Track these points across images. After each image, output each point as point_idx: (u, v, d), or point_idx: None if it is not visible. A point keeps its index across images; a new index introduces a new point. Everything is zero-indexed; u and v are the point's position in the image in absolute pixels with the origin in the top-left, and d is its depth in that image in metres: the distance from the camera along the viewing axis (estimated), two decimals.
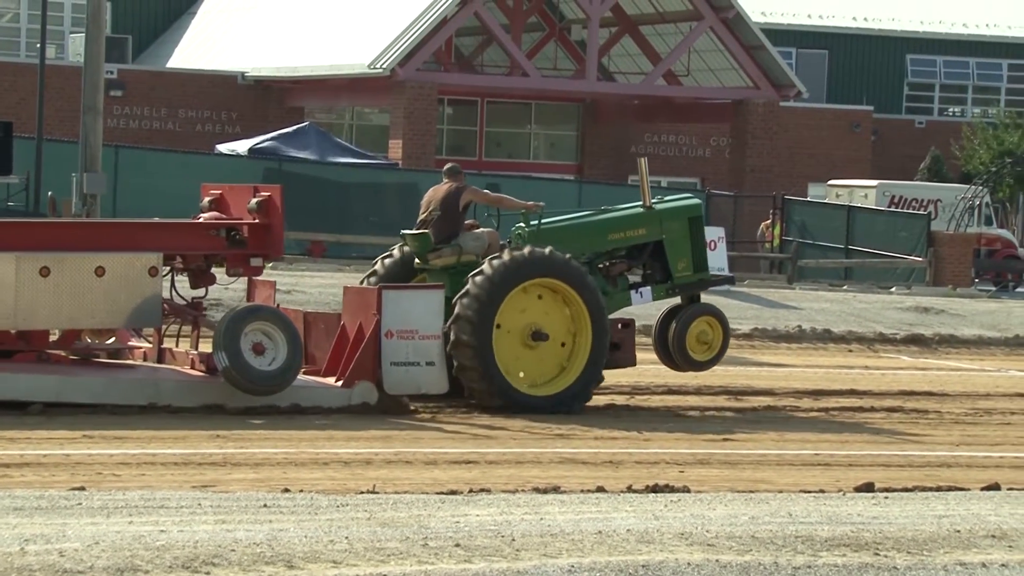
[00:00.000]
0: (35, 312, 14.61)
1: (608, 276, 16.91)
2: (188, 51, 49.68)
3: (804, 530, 9.64)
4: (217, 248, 15.49)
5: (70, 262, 14.70)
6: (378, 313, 15.26)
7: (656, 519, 9.87)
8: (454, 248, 16.22)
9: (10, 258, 14.54)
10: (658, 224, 17.09)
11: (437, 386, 15.55)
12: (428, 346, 15.41)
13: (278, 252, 15.73)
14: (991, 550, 9.41)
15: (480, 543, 8.89)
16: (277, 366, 14.73)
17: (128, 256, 14.89)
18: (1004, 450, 14.83)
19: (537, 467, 12.75)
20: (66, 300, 14.65)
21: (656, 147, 49.64)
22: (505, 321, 15.74)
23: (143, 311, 14.95)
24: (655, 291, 17.11)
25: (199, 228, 15.54)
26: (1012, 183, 46.59)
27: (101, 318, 14.91)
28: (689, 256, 17.09)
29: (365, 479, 11.70)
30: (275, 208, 15.42)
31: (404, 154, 41.64)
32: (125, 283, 14.81)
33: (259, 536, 8.78)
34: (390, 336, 15.29)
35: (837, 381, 19.27)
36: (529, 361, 15.87)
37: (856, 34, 55.97)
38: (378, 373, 15.24)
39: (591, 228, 17.10)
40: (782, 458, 13.83)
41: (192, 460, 12.39)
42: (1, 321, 14.58)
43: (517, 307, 15.81)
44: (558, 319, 15.95)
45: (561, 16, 47.63)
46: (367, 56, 42.11)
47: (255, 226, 15.43)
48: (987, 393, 19.48)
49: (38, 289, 14.56)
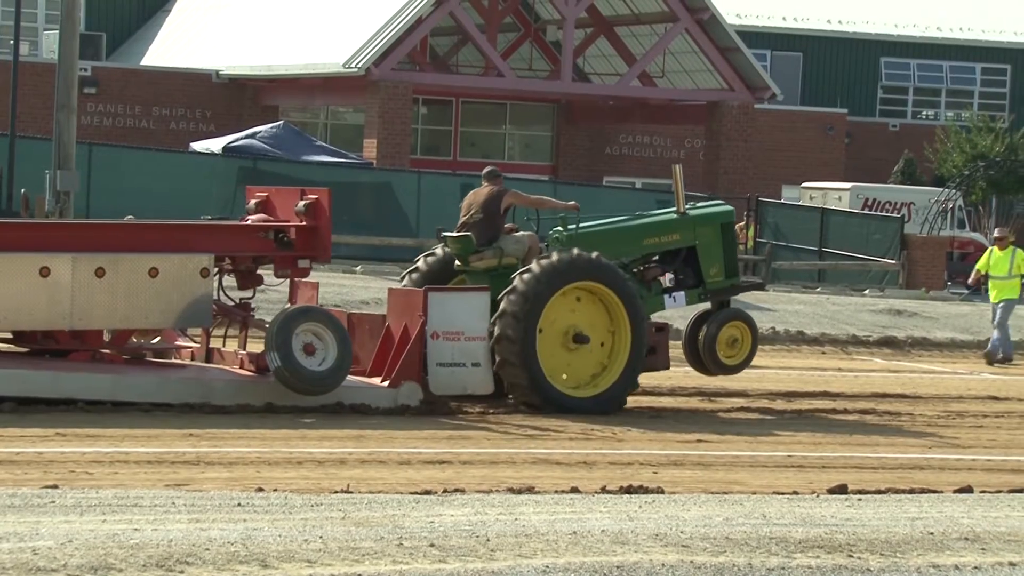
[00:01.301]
0: (90, 312, 14.82)
1: (643, 280, 17.19)
2: (162, 49, 49.56)
3: (778, 531, 9.66)
4: (266, 250, 15.71)
5: (125, 263, 14.93)
6: (424, 315, 15.46)
7: (630, 520, 9.88)
8: (495, 250, 16.46)
9: (67, 259, 14.75)
10: (692, 230, 17.39)
11: (483, 387, 15.80)
12: (474, 347, 15.65)
13: (326, 254, 15.85)
14: (964, 552, 9.44)
15: (455, 543, 8.89)
16: (327, 366, 14.95)
17: (181, 257, 15.13)
18: (976, 452, 14.89)
19: (511, 467, 12.75)
20: (120, 300, 14.88)
21: (631, 148, 49.69)
22: (548, 322, 15.94)
23: (194, 311, 15.18)
24: (688, 296, 17.40)
25: (249, 230, 15.74)
26: (985, 187, 46.74)
27: (154, 318, 15.14)
28: (721, 262, 17.43)
29: (339, 479, 11.68)
30: (323, 211, 15.62)
31: (379, 153, 41.61)
32: (177, 284, 15.05)
33: (233, 535, 8.77)
34: (436, 337, 15.53)
35: (810, 383, 19.32)
36: (569, 362, 16.12)
37: (830, 37, 56.12)
38: (423, 374, 15.42)
39: (627, 232, 17.38)
40: (755, 459, 13.86)
41: (165, 459, 12.36)
42: (57, 321, 14.79)
43: (559, 309, 16.02)
44: (598, 322, 16.18)
45: (536, 17, 47.66)
46: (342, 55, 42.07)
47: (303, 228, 15.62)
48: (959, 396, 19.55)
49: (93, 289, 14.79)
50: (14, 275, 14.55)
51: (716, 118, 45.02)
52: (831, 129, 51.08)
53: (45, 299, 14.65)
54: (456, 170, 43.73)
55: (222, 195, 33.41)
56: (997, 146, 48.86)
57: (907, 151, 51.29)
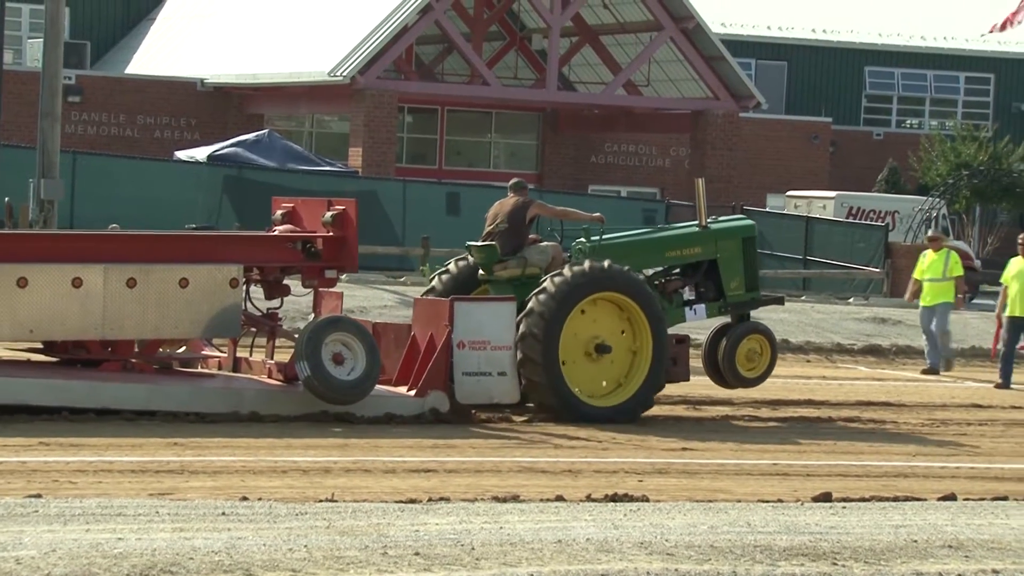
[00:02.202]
0: (122, 322, 14.96)
1: (664, 292, 17.36)
2: (147, 57, 49.51)
3: (763, 539, 9.67)
4: (294, 260, 15.84)
5: (156, 273, 15.06)
6: (450, 324, 15.57)
7: (615, 528, 9.89)
8: (519, 260, 16.59)
9: (98, 269, 14.86)
10: (713, 243, 17.57)
11: (509, 396, 15.92)
12: (500, 356, 15.77)
13: (353, 265, 16.00)
14: (948, 560, 9.46)
15: (440, 552, 8.88)
16: (356, 376, 15.05)
17: (211, 268, 15.26)
18: (960, 460, 14.91)
19: (496, 476, 12.75)
20: (151, 310, 15.01)
21: (616, 157, 49.73)
22: (569, 334, 16.06)
23: (223, 321, 15.31)
24: (708, 309, 17.59)
25: (278, 241, 15.85)
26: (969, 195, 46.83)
27: (184, 328, 15.27)
28: (742, 275, 17.61)
29: (324, 487, 11.67)
30: (350, 221, 15.75)
31: (364, 162, 41.59)
32: (207, 294, 15.18)
33: (217, 544, 8.75)
34: (462, 347, 15.64)
35: (795, 391, 19.34)
36: (592, 373, 16.27)
37: (815, 46, 56.22)
38: (450, 383, 15.54)
39: (649, 245, 17.58)
40: (740, 468, 13.87)
41: (149, 468, 12.34)
42: (89, 331, 14.92)
43: (581, 320, 16.15)
44: (620, 332, 16.32)
45: (522, 25, 47.69)
46: (327, 64, 42.06)
47: (330, 239, 15.75)
48: (943, 404, 19.58)
49: (125, 300, 14.92)
50: (47, 286, 14.72)
51: (701, 127, 45.07)
52: (816, 138, 51.17)
53: (77, 309, 14.80)
54: (441, 179, 43.73)
55: (207, 203, 33.39)
56: (981, 155, 48.97)
57: (891, 160, 51.38)
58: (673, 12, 43.77)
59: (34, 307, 14.64)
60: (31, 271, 14.63)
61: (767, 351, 17.46)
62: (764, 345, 17.46)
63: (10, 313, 14.58)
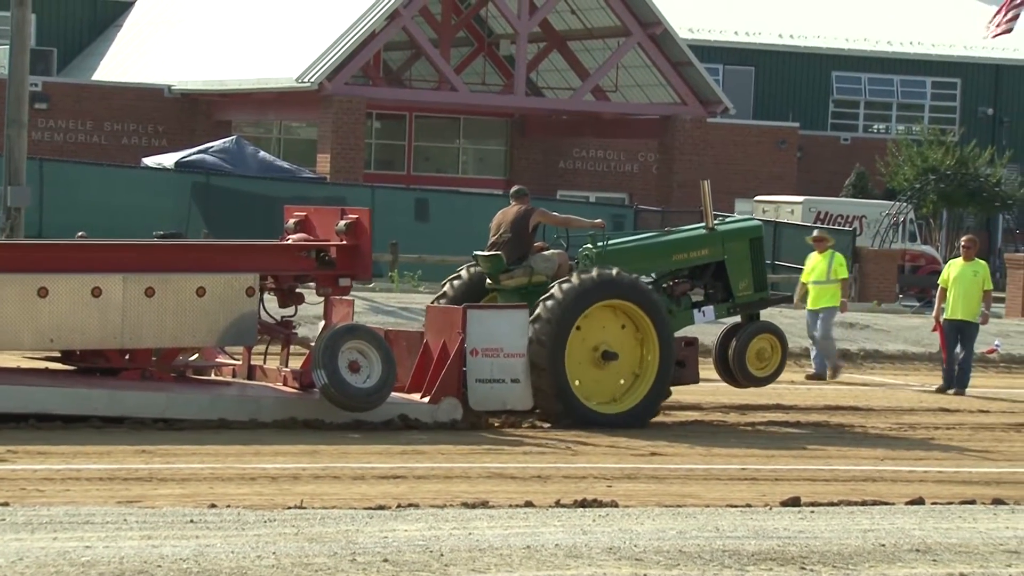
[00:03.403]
0: (140, 331, 15.10)
1: (672, 295, 17.47)
2: (114, 64, 49.37)
3: (731, 544, 9.69)
4: (308, 269, 15.96)
5: (174, 282, 15.19)
6: (463, 332, 15.67)
7: (584, 534, 9.90)
8: (525, 269, 16.68)
9: (118, 279, 14.99)
10: (720, 245, 17.66)
11: (522, 403, 16.02)
12: (513, 364, 15.88)
13: (366, 273, 16.14)
14: (915, 564, 9.49)
15: (408, 558, 8.88)
16: (372, 383, 15.18)
17: (227, 277, 15.40)
18: (928, 464, 14.97)
19: (465, 482, 12.74)
20: (169, 319, 15.14)
21: (584, 162, 49.80)
22: (576, 342, 16.14)
23: (240, 330, 15.44)
24: (717, 310, 17.68)
25: (292, 249, 15.98)
26: (936, 200, 47.04)
27: (201, 337, 15.42)
28: (750, 276, 17.72)
29: (292, 494, 11.65)
30: (363, 230, 15.86)
31: (332, 168, 41.56)
32: (224, 303, 15.32)
33: (185, 552, 8.74)
34: (475, 354, 15.76)
35: (763, 396, 19.37)
36: (599, 379, 16.35)
37: (782, 51, 56.40)
38: (463, 390, 15.67)
39: (656, 249, 17.66)
40: (709, 472, 13.89)
41: (117, 475, 12.29)
42: (109, 340, 15.05)
43: (587, 327, 16.23)
44: (626, 338, 16.41)
45: (489, 31, 47.73)
46: (295, 70, 42.02)
47: (344, 247, 15.86)
48: (911, 408, 19.65)
49: (143, 309, 15.06)
50: (67, 295, 14.84)
51: (669, 132, 45.17)
52: (783, 143, 51.33)
53: (97, 318, 14.93)
54: (410, 184, 43.71)
55: (175, 210, 33.30)
56: (947, 159, 49.19)
57: (858, 164, 51.56)
58: (641, 18, 43.86)
59: (54, 316, 14.80)
60: (51, 281, 14.81)
61: (777, 350, 17.61)
62: (775, 344, 17.61)
63: (31, 322, 14.76)
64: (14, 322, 14.64)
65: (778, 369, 17.73)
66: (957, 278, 21.26)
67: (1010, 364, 26.06)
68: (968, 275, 21.19)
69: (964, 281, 21.17)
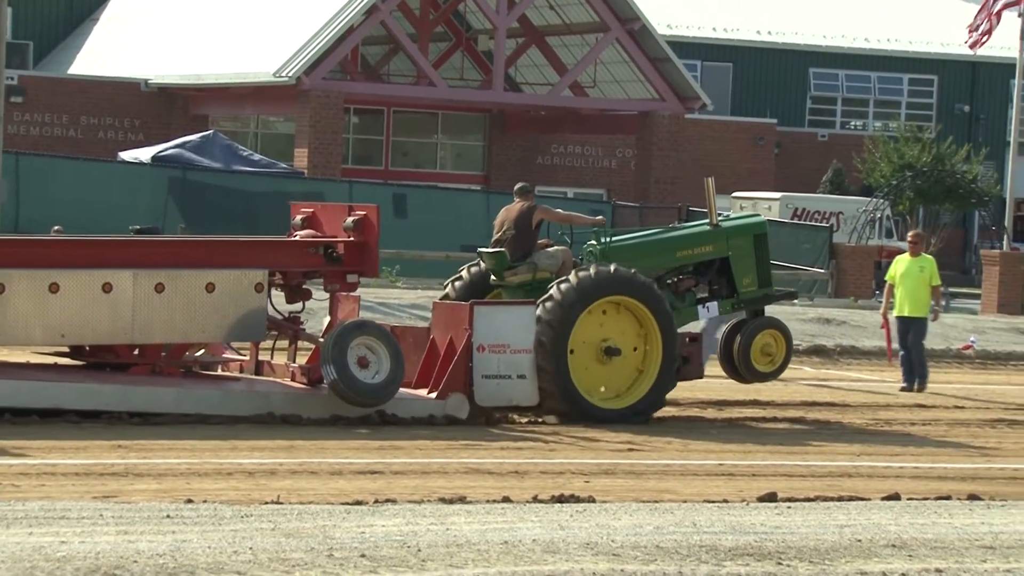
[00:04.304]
0: (151, 326, 15.17)
1: (676, 291, 17.55)
2: (90, 57, 49.21)
3: (708, 540, 9.71)
4: (316, 265, 16.07)
5: (184, 278, 15.27)
6: (470, 328, 15.77)
7: (562, 529, 9.90)
8: (529, 265, 16.78)
9: (128, 274, 15.05)
10: (724, 241, 17.74)
11: (529, 398, 16.13)
12: (519, 360, 15.99)
13: (374, 269, 16.22)
14: (891, 559, 9.52)
15: (386, 553, 8.87)
16: (381, 379, 15.29)
17: (237, 273, 15.49)
18: (904, 460, 15.00)
19: (443, 477, 12.74)
20: (179, 315, 15.22)
21: (562, 158, 49.79)
22: (579, 338, 16.24)
23: (249, 325, 15.53)
24: (721, 306, 17.74)
25: (300, 246, 16.08)
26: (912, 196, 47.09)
27: (211, 332, 15.51)
28: (754, 272, 17.80)
29: (269, 489, 11.63)
30: (371, 226, 15.97)
31: (310, 163, 41.48)
32: (233, 299, 15.41)
33: (162, 547, 8.72)
34: (482, 350, 15.86)
35: (740, 392, 19.40)
36: (602, 375, 16.43)
37: (760, 47, 56.45)
38: (470, 386, 15.78)
39: (661, 245, 17.73)
40: (686, 468, 13.91)
41: (93, 470, 12.26)
42: (119, 335, 15.13)
43: (590, 324, 16.32)
44: (629, 334, 16.49)
45: (468, 26, 47.68)
46: (272, 64, 41.93)
47: (351, 244, 15.96)
48: (887, 404, 19.70)
49: (154, 304, 15.14)
50: (78, 291, 14.90)
51: (647, 128, 45.18)
52: (760, 139, 51.39)
53: (107, 314, 15.00)
54: (388, 180, 43.66)
55: (152, 205, 33.21)
56: (924, 156, 49.28)
57: (836, 161, 51.64)
58: (619, 13, 43.86)
59: (65, 312, 14.87)
60: (62, 276, 14.86)
61: (782, 345, 17.70)
62: (779, 340, 17.71)
63: (42, 318, 14.81)
64: (26, 318, 14.73)
65: (783, 364, 17.84)
66: (904, 274, 21.07)
67: (985, 360, 26.14)
68: (915, 271, 21.06)
69: (911, 277, 21.02)
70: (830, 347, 26.12)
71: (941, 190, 47.03)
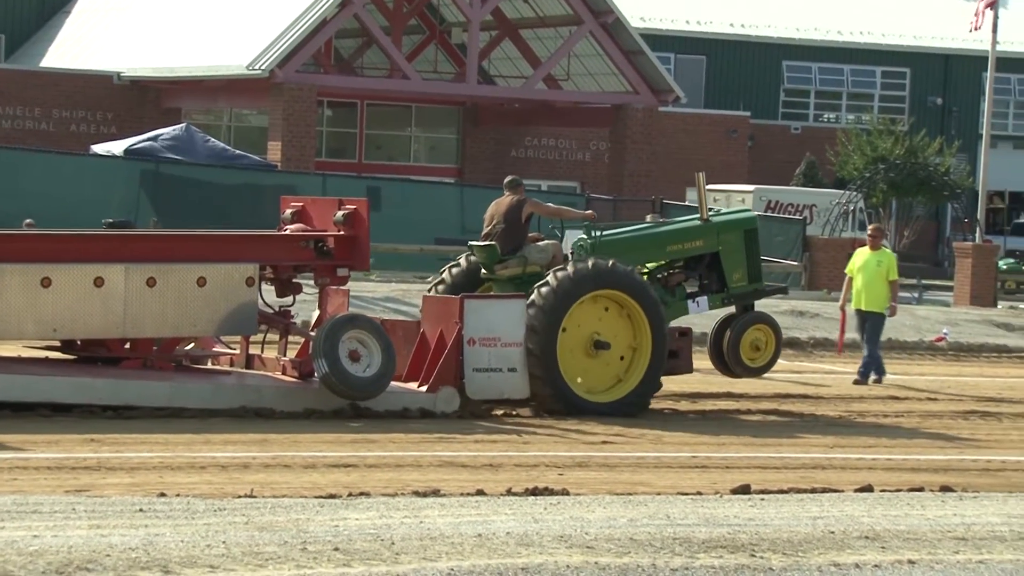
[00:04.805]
0: (142, 321, 15.21)
1: (666, 286, 17.63)
2: (62, 50, 49.03)
3: (682, 532, 9.72)
4: (306, 259, 16.11)
5: (175, 273, 15.30)
6: (460, 321, 15.79)
7: (535, 522, 9.90)
8: (519, 259, 16.81)
9: (119, 269, 15.08)
10: (715, 236, 17.81)
11: (519, 391, 16.17)
12: (510, 353, 16.04)
13: (364, 263, 16.24)
14: (864, 551, 9.54)
15: (359, 547, 8.87)
16: (372, 372, 15.31)
17: (227, 267, 15.52)
18: (877, 452, 15.04)
19: (417, 470, 12.73)
20: (171, 309, 15.25)
21: (536, 151, 49.79)
22: (569, 330, 16.27)
23: (240, 319, 15.56)
24: (711, 300, 17.85)
25: (291, 240, 16.11)
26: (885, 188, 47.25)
27: (202, 326, 15.55)
28: (744, 267, 17.88)
29: (243, 483, 11.61)
30: (361, 220, 16.01)
31: (283, 156, 41.41)
32: (224, 293, 15.45)
33: (134, 541, 8.69)
34: (472, 344, 15.88)
35: (714, 384, 19.43)
36: (591, 368, 16.47)
37: (733, 40, 56.55)
38: (461, 379, 15.81)
39: (651, 240, 17.79)
40: (660, 460, 13.93)
41: (66, 464, 12.22)
42: (111, 329, 15.16)
43: (581, 317, 16.36)
44: (619, 328, 16.55)
45: (441, 19, 47.64)
46: (245, 57, 41.83)
47: (341, 238, 15.99)
48: (860, 396, 19.74)
49: (145, 298, 15.16)
50: (70, 285, 14.92)
51: (621, 121, 45.21)
52: (734, 132, 51.47)
53: (100, 308, 15.03)
54: (361, 172, 43.60)
55: (124, 198, 33.10)
56: (897, 148, 49.43)
57: (809, 154, 51.76)
58: (592, 6, 43.87)
59: (58, 306, 14.89)
60: (54, 271, 14.89)
61: (771, 340, 17.79)
62: (768, 334, 17.79)
63: (35, 312, 14.83)
64: (18, 312, 14.75)
65: (772, 359, 17.92)
66: (862, 267, 21.01)
67: (958, 352, 26.24)
68: (872, 264, 21.05)
69: (868, 270, 20.97)
70: (803, 339, 26.17)
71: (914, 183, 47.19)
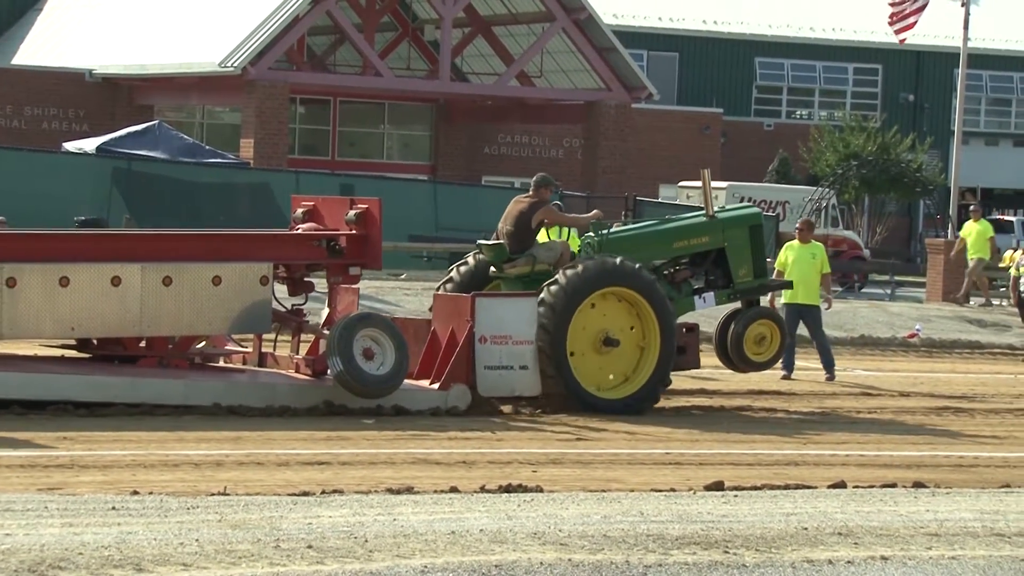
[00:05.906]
0: (159, 319, 15.35)
1: (673, 282, 17.72)
2: (34, 47, 48.85)
3: (655, 529, 9.73)
4: (319, 258, 16.24)
5: (190, 272, 15.43)
6: (471, 319, 15.88)
7: (509, 519, 9.91)
8: (528, 258, 16.88)
9: (136, 268, 15.21)
10: (720, 232, 17.92)
11: (531, 389, 16.25)
12: (521, 351, 16.12)
13: (376, 262, 16.33)
14: (837, 547, 9.57)
15: (333, 544, 8.86)
16: (386, 371, 15.40)
17: (242, 266, 15.67)
18: (850, 448, 15.08)
19: (390, 468, 12.73)
20: (186, 308, 15.38)
21: (509, 148, 49.79)
22: (578, 327, 16.32)
23: (254, 318, 15.71)
24: (718, 296, 17.94)
25: (304, 239, 16.23)
26: (858, 185, 47.38)
27: (217, 325, 15.70)
28: (750, 263, 18.00)
29: (216, 481, 11.59)
30: (373, 219, 16.13)
31: (256, 154, 41.33)
32: (239, 292, 15.59)
33: (107, 539, 8.68)
34: (484, 341, 15.97)
35: (688, 381, 19.46)
36: (600, 365, 16.53)
37: (706, 37, 56.62)
38: (472, 377, 15.89)
39: (657, 237, 17.92)
40: (634, 457, 13.95)
41: (39, 462, 12.19)
42: (128, 328, 15.30)
43: (590, 314, 16.41)
44: (628, 325, 16.59)
45: (414, 16, 47.61)
46: (218, 54, 41.74)
47: (353, 237, 16.11)
48: (833, 392, 19.80)
49: (161, 297, 15.31)
50: (87, 284, 15.03)
51: (594, 118, 45.24)
52: (707, 129, 51.53)
53: (117, 307, 15.16)
54: (334, 170, 43.54)
55: (96, 196, 33.01)
56: (869, 145, 49.56)
57: (781, 150, 51.86)
58: (565, 3, 43.89)
59: (75, 305, 15.01)
60: (72, 270, 15.00)
61: (776, 335, 17.90)
62: (773, 329, 17.92)
63: (53, 311, 14.94)
64: (37, 311, 14.87)
65: (777, 354, 18.06)
66: (796, 261, 20.90)
67: (931, 348, 26.32)
68: (806, 258, 21.01)
69: (803, 264, 20.90)
70: None
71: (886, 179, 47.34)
